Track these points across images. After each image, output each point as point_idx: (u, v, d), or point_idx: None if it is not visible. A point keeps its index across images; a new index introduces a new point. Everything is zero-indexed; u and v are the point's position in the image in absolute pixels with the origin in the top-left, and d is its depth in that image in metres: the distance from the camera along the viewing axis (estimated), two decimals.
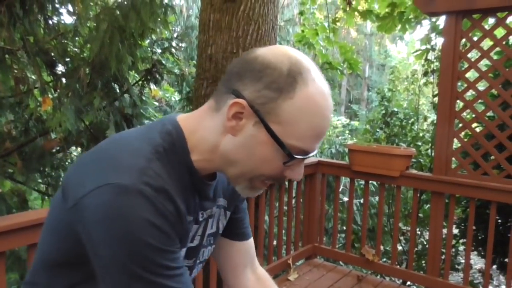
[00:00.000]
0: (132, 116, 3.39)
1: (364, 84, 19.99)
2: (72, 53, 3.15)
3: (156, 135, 0.72)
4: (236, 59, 0.72)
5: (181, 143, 0.73)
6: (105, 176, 0.64)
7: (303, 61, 0.70)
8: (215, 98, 0.74)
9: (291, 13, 11.49)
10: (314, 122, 0.69)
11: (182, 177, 0.72)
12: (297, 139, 0.69)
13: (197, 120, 0.75)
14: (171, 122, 0.75)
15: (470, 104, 2.73)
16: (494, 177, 2.60)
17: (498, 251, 3.35)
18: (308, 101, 0.68)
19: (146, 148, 0.69)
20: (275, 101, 0.67)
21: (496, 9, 2.57)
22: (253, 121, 0.68)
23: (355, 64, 4.99)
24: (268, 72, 0.67)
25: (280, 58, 0.68)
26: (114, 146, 0.71)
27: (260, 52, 0.70)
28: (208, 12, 3.29)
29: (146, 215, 0.63)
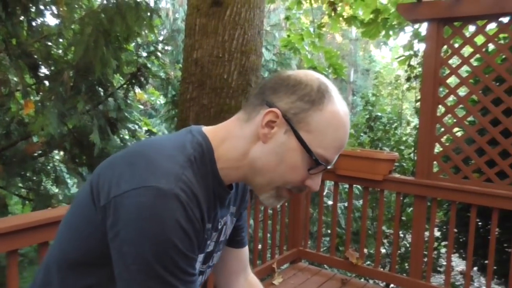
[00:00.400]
0: (117, 120, 3.36)
1: (349, 89, 20.20)
2: (56, 56, 3.11)
3: (188, 145, 0.76)
4: (269, 77, 0.81)
5: (210, 153, 0.78)
6: (142, 178, 0.68)
7: (328, 83, 0.79)
8: (246, 110, 0.80)
9: (277, 18, 11.56)
10: (338, 135, 0.76)
11: (209, 186, 0.77)
12: (323, 148, 0.75)
13: (226, 130, 0.81)
14: (200, 133, 0.80)
15: (451, 109, 2.79)
16: (474, 180, 2.66)
17: (479, 253, 3.42)
18: (334, 115, 0.75)
19: (180, 156, 0.73)
20: (307, 111, 0.74)
21: (476, 17, 2.63)
22: (284, 129, 0.75)
23: (340, 69, 5.04)
24: (301, 87, 0.76)
25: (310, 77, 0.77)
26: (150, 151, 0.74)
27: (291, 72, 0.79)
28: (194, 16, 3.29)
29: (179, 219, 0.67)
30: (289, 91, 0.76)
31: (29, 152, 2.94)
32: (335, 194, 3.22)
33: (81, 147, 3.43)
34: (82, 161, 3.60)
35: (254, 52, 3.34)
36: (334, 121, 0.75)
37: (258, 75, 3.46)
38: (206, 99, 3.22)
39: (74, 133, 3.27)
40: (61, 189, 3.60)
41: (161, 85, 4.52)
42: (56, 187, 3.59)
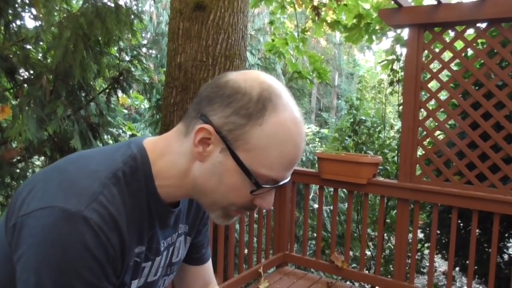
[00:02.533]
0: (99, 125, 3.31)
1: (333, 93, 20.38)
2: (35, 59, 3.05)
3: (118, 158, 0.68)
4: (208, 83, 0.71)
5: (145, 168, 0.70)
6: (52, 197, 0.61)
7: (275, 86, 0.68)
8: (185, 122, 0.71)
9: (261, 22, 11.61)
10: (285, 150, 0.66)
11: (141, 205, 0.69)
12: (266, 167, 0.66)
13: (165, 144, 0.72)
14: (137, 145, 0.72)
15: (433, 113, 2.83)
16: (455, 183, 2.71)
17: (460, 254, 3.47)
18: (278, 128, 0.65)
19: (104, 172, 0.65)
20: (243, 128, 0.65)
21: (455, 23, 2.69)
22: (220, 148, 0.66)
23: (324, 73, 5.08)
24: (237, 98, 0.65)
25: (250, 83, 0.66)
26: (70, 166, 0.67)
27: (231, 76, 0.68)
28: (178, 20, 3.27)
29: (88, 245, 0.59)
30: (224, 102, 0.66)
31: (7, 158, 2.87)
32: (320, 198, 3.23)
33: (62, 153, 3.36)
34: None
35: (238, 56, 3.34)
36: (278, 135, 0.65)
37: None
38: (190, 103, 3.20)
39: (55, 138, 3.21)
40: None
41: (145, 89, 4.48)
42: None
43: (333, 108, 20.02)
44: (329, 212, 5.41)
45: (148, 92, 4.47)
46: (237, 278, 2.82)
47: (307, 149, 7.07)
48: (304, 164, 6.41)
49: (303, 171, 3.40)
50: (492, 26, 2.63)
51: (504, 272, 3.28)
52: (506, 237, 3.56)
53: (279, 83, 0.70)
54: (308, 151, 6.87)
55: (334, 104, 20.17)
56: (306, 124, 11.09)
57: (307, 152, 6.78)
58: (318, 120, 19.07)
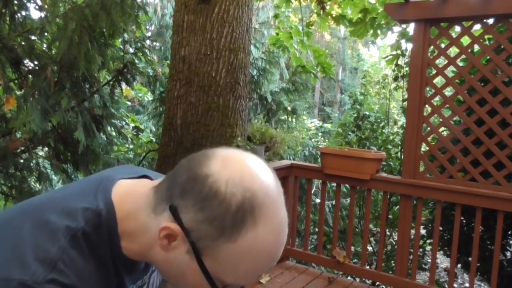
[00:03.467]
0: (102, 117, 3.31)
1: (337, 87, 20.31)
2: (40, 50, 3.04)
3: (80, 214, 0.62)
4: (187, 164, 0.62)
5: (110, 227, 0.64)
6: (4, 268, 0.55)
7: (259, 194, 0.58)
8: (155, 194, 0.64)
9: (266, 16, 11.55)
10: (258, 265, 0.60)
11: (104, 261, 0.65)
12: (234, 278, 0.61)
13: (133, 205, 0.65)
14: (104, 197, 0.65)
15: (438, 109, 2.81)
16: (459, 180, 2.70)
17: (462, 251, 3.47)
18: (254, 246, 0.58)
19: (63, 233, 0.59)
20: (214, 240, 0.58)
21: (462, 18, 2.66)
22: (186, 249, 0.60)
23: (328, 68, 5.06)
24: (214, 204, 0.57)
25: (231, 189, 0.57)
26: (25, 225, 0.60)
27: (213, 168, 0.59)
28: (182, 13, 3.26)
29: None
30: (198, 204, 0.58)
31: (11, 149, 2.88)
32: (323, 193, 3.23)
33: (66, 144, 3.37)
34: (67, 158, 3.54)
35: (242, 50, 3.33)
36: (253, 252, 0.58)
37: (247, 73, 3.44)
38: (194, 96, 3.20)
39: (58, 129, 3.21)
40: (44, 186, 3.54)
41: (148, 82, 4.47)
42: (39, 184, 3.52)
43: (337, 103, 19.96)
44: (331, 207, 5.42)
45: (151, 84, 4.47)
46: None
47: (310, 143, 7.06)
48: (307, 159, 6.41)
49: (306, 165, 3.40)
50: (499, 21, 2.61)
51: (507, 270, 3.28)
52: (510, 235, 3.56)
53: (267, 180, 0.61)
54: (311, 146, 6.87)
55: (338, 99, 20.11)
56: (309, 119, 11.07)
57: (309, 147, 6.77)
58: (321, 114, 19.03)
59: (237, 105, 3.30)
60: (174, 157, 3.21)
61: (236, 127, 3.26)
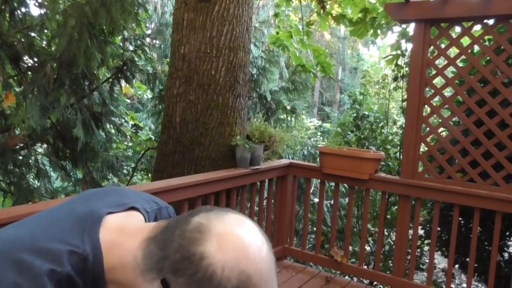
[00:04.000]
0: (101, 114, 3.30)
1: (336, 87, 20.32)
2: (39, 47, 3.04)
3: (64, 258, 0.60)
4: (179, 238, 0.60)
5: (96, 271, 0.63)
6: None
7: (254, 275, 0.58)
8: (144, 259, 0.62)
9: (266, 15, 11.54)
10: None
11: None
12: None
13: (121, 261, 0.64)
14: (92, 239, 0.63)
15: (437, 109, 2.81)
16: (458, 180, 2.70)
17: (460, 251, 3.47)
18: None
19: (46, 279, 0.57)
20: None
21: (462, 19, 2.66)
22: None
23: (328, 67, 5.05)
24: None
25: (228, 273, 0.56)
26: (3, 271, 0.56)
27: (209, 250, 0.58)
28: (182, 11, 3.25)
29: None
30: (192, 284, 0.56)
31: (10, 145, 2.88)
32: (321, 192, 3.23)
33: (65, 141, 3.37)
34: (66, 155, 3.54)
35: (242, 48, 3.32)
36: None
37: (246, 72, 3.44)
38: (193, 95, 3.19)
39: (57, 126, 3.21)
40: (43, 182, 3.53)
41: (148, 79, 4.47)
42: (38, 181, 3.52)
43: (336, 103, 19.97)
44: (329, 207, 5.42)
45: (151, 82, 4.47)
46: None
47: (309, 143, 7.06)
48: (305, 158, 6.40)
49: (305, 165, 3.40)
50: (500, 22, 2.61)
51: (504, 271, 3.29)
52: (507, 236, 3.56)
53: (261, 262, 0.60)
54: (310, 145, 6.87)
55: (337, 99, 20.12)
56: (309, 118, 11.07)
57: (308, 146, 6.77)
58: (320, 114, 19.03)
59: (237, 104, 3.30)
60: (173, 155, 3.20)
61: (235, 125, 3.26)
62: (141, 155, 4.79)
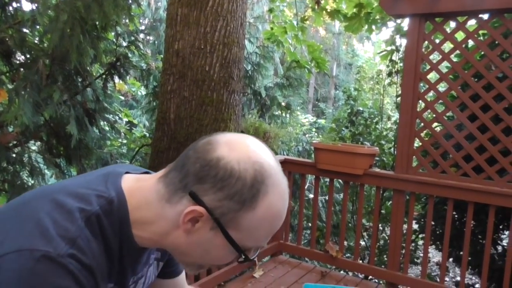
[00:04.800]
0: (95, 110, 3.28)
1: (331, 83, 20.33)
2: (31, 43, 3.01)
3: (93, 200, 0.66)
4: (194, 154, 0.68)
5: (121, 214, 0.68)
6: (29, 240, 0.59)
7: (266, 165, 0.67)
8: (166, 186, 0.69)
9: (260, 10, 11.50)
10: (272, 226, 0.70)
11: (112, 247, 0.68)
12: (254, 242, 0.70)
13: (144, 198, 0.70)
14: (114, 187, 0.70)
15: (431, 104, 2.82)
16: (452, 175, 2.71)
17: (454, 245, 3.50)
18: (269, 210, 0.67)
19: (79, 215, 0.64)
20: (236, 212, 0.65)
21: (456, 13, 2.66)
22: (210, 226, 0.67)
23: (323, 63, 5.05)
24: (231, 182, 0.65)
25: (244, 165, 0.65)
26: (44, 206, 0.64)
27: (222, 152, 0.66)
28: (176, 6, 3.23)
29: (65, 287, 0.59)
30: (216, 185, 0.65)
31: (3, 142, 2.85)
32: (316, 188, 3.24)
33: (58, 138, 3.34)
34: (60, 152, 3.51)
35: (236, 44, 3.31)
36: (268, 216, 0.68)
37: (241, 68, 3.43)
38: (187, 91, 3.18)
39: (51, 123, 3.18)
40: (37, 180, 3.51)
41: (142, 76, 4.44)
42: (32, 179, 3.49)
43: (331, 99, 19.99)
44: (324, 202, 5.43)
45: (145, 78, 4.44)
46: (232, 267, 2.84)
47: (303, 139, 7.07)
48: (300, 154, 6.41)
49: (299, 161, 3.41)
50: (494, 17, 2.61)
51: (498, 264, 3.32)
52: (501, 229, 3.59)
53: (267, 154, 0.70)
54: (304, 141, 6.88)
55: (332, 94, 20.14)
56: (303, 114, 11.08)
57: (303, 142, 6.78)
58: (315, 110, 19.05)
59: (231, 100, 3.29)
60: (167, 151, 3.19)
61: (229, 121, 3.25)
62: (135, 152, 4.77)
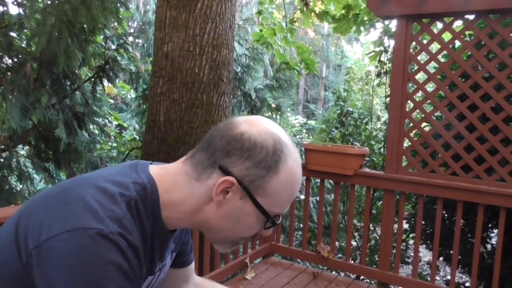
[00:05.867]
0: (84, 114, 3.25)
1: (321, 84, 20.42)
2: (18, 46, 2.97)
3: (130, 186, 0.72)
4: (219, 133, 0.75)
5: (154, 199, 0.74)
6: (81, 220, 0.63)
7: (282, 136, 0.75)
8: (195, 167, 0.75)
9: (249, 12, 11.52)
10: (293, 191, 0.76)
11: (147, 231, 0.73)
12: (278, 207, 0.76)
13: (173, 181, 0.76)
14: (146, 174, 0.76)
15: (420, 104, 2.85)
16: (441, 174, 2.74)
17: (444, 244, 3.53)
18: (289, 175, 0.74)
19: (121, 198, 0.69)
20: (263, 178, 0.72)
21: (443, 14, 2.69)
22: (240, 195, 0.73)
23: (312, 64, 5.08)
24: (256, 151, 0.72)
25: (265, 136, 0.73)
26: (88, 190, 0.68)
27: (244, 128, 0.73)
28: (165, 8, 3.22)
29: (121, 264, 0.63)
30: (243, 155, 0.72)
31: None
32: (307, 189, 3.25)
33: (47, 142, 3.31)
34: (48, 156, 3.48)
35: (225, 46, 3.31)
36: (289, 180, 0.75)
37: (230, 70, 3.43)
38: (177, 93, 3.17)
39: (39, 127, 3.15)
40: (26, 185, 3.46)
41: (131, 79, 4.41)
42: (20, 183, 3.45)
43: (321, 100, 20.07)
44: (315, 203, 5.45)
45: (134, 81, 4.42)
46: (224, 269, 2.83)
47: (294, 140, 7.09)
48: None
49: None
50: (480, 17, 2.65)
51: (487, 262, 3.36)
52: (490, 228, 3.64)
53: (281, 129, 0.78)
54: (295, 142, 6.90)
55: (322, 96, 20.23)
56: (294, 116, 11.11)
57: (294, 143, 6.80)
58: (305, 111, 19.11)
59: (221, 102, 3.29)
60: (157, 154, 3.17)
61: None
62: (125, 155, 4.73)
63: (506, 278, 2.94)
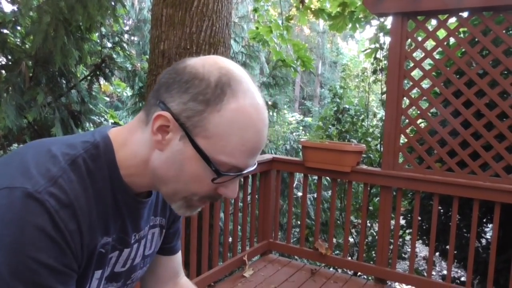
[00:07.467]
0: (80, 112, 3.24)
1: (317, 81, 20.44)
2: (13, 44, 2.95)
3: (79, 145, 0.67)
4: (167, 69, 0.69)
5: (108, 156, 0.68)
6: (8, 179, 0.60)
7: (234, 71, 0.66)
8: (145, 110, 0.69)
9: (245, 10, 11.50)
10: (245, 136, 0.65)
11: (104, 194, 0.67)
12: (227, 154, 0.64)
13: (128, 133, 0.71)
14: (101, 134, 0.70)
15: (415, 101, 2.86)
16: (437, 170, 2.76)
17: (440, 239, 3.56)
18: (238, 114, 0.63)
19: (63, 157, 0.64)
20: (201, 114, 0.63)
21: (437, 12, 2.71)
22: (179, 135, 0.65)
23: (308, 61, 5.08)
24: (195, 83, 0.63)
25: (209, 68, 0.65)
26: (30, 151, 0.65)
27: (190, 61, 0.67)
28: (161, 6, 3.21)
29: (44, 227, 0.57)
30: (182, 88, 0.64)
31: None
32: (305, 186, 3.26)
33: None
34: None
35: (222, 44, 3.30)
36: (238, 121, 0.63)
37: None
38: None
39: (35, 126, 3.14)
40: None
41: (127, 77, 4.40)
42: None
43: (317, 97, 20.10)
44: (313, 200, 5.47)
45: (130, 79, 4.40)
46: (222, 266, 2.84)
47: (291, 137, 7.10)
48: (288, 153, 6.44)
49: (288, 159, 3.42)
50: (473, 15, 2.67)
51: (482, 256, 3.39)
52: (484, 223, 3.67)
53: (240, 68, 0.68)
54: (292, 139, 6.91)
55: (318, 93, 20.25)
56: (290, 113, 11.12)
57: (291, 141, 6.81)
58: (301, 108, 19.13)
59: None
60: None
61: None
62: None
63: (501, 272, 2.97)
